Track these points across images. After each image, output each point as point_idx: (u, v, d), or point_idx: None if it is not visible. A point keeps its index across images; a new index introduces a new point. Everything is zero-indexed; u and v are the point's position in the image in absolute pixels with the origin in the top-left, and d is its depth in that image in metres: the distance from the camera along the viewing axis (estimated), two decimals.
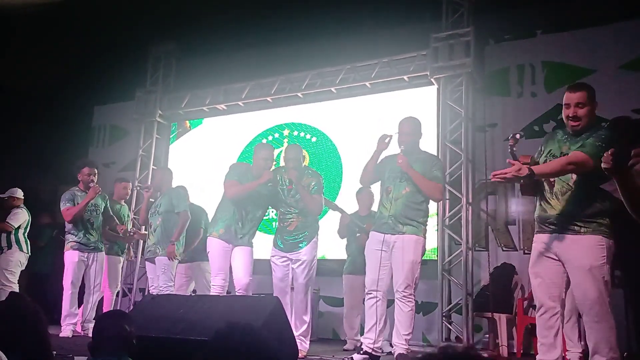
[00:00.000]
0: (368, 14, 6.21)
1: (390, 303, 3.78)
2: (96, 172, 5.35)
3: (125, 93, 7.90)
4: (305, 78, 6.69)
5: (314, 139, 6.73)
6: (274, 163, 4.58)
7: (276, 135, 6.97)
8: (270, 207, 4.55)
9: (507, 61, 6.02)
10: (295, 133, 6.86)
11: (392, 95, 6.34)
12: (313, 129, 6.76)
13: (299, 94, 6.78)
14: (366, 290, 3.69)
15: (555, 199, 2.94)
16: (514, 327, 4.94)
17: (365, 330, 3.69)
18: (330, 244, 6.08)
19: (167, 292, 4.70)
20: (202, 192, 6.84)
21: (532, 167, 2.82)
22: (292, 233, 4.18)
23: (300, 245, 4.16)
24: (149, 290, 5.10)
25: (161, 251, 4.85)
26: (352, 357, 3.66)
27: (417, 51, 6.07)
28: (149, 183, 5.19)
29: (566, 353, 4.00)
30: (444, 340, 5.35)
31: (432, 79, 5.97)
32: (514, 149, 2.97)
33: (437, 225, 5.66)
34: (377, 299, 3.64)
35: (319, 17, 6.35)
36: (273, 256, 4.24)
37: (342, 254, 5.92)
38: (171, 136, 7.82)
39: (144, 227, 5.80)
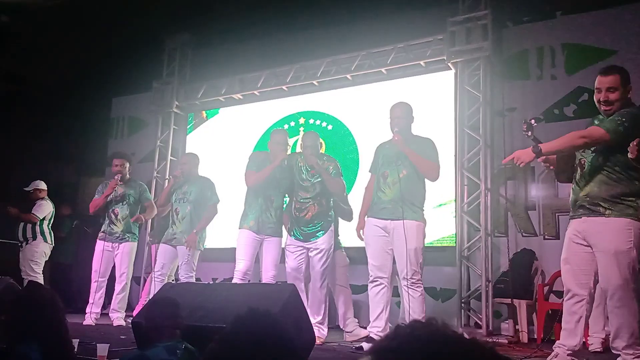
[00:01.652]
0: None
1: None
2: (125, 162, 5.33)
3: (143, 84, 7.97)
4: (320, 66, 6.66)
5: (330, 127, 6.70)
6: (289, 147, 4.62)
7: (292, 123, 6.96)
8: (286, 195, 4.57)
9: (526, 44, 5.90)
10: (311, 121, 6.84)
11: (409, 81, 6.27)
12: (329, 117, 6.73)
13: (314, 82, 6.75)
14: (371, 278, 3.65)
15: (583, 181, 2.92)
16: (534, 313, 4.90)
17: (372, 319, 3.64)
18: (348, 232, 6.07)
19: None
20: (220, 181, 6.89)
21: (539, 145, 2.79)
22: (308, 223, 4.21)
23: (318, 234, 4.20)
24: (154, 275, 5.02)
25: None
26: (361, 346, 3.65)
27: (434, 35, 5.98)
28: (178, 169, 5.18)
29: (588, 338, 3.97)
30: (463, 326, 5.33)
31: (449, 64, 5.89)
32: (529, 134, 2.94)
33: (456, 211, 5.62)
34: (384, 285, 3.62)
35: (333, 4, 6.31)
36: (289, 245, 4.27)
37: (358, 242, 5.91)
38: (188, 127, 7.88)
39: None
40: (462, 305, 5.43)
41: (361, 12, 6.37)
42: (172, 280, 5.07)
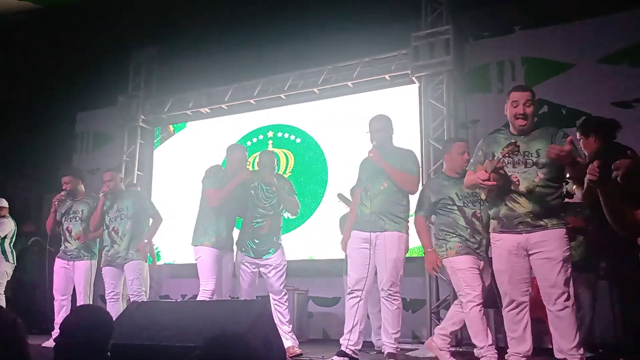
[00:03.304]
0: (348, 15, 6.23)
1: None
2: (72, 179, 5.16)
3: (108, 99, 7.87)
4: (287, 79, 6.71)
5: (298, 140, 6.74)
6: (249, 165, 4.64)
7: (260, 137, 6.98)
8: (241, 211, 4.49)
9: (486, 58, 6.08)
10: (280, 134, 6.87)
11: (374, 94, 6.37)
12: (297, 130, 6.77)
13: (281, 96, 6.79)
14: (349, 290, 3.68)
15: (522, 198, 3.02)
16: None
17: (346, 331, 3.65)
18: (319, 244, 6.10)
19: (141, 298, 4.66)
20: (188, 195, 6.83)
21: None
22: (262, 238, 4.26)
23: (270, 251, 4.25)
24: (105, 297, 4.86)
25: (135, 255, 4.72)
26: (332, 359, 3.66)
27: (398, 50, 6.11)
28: (105, 186, 4.90)
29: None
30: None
31: (413, 78, 6.02)
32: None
33: None
34: (360, 298, 3.62)
35: (300, 19, 6.37)
36: (243, 262, 4.27)
37: (330, 254, 5.95)
38: (155, 141, 7.80)
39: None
40: (432, 315, 5.50)
41: (327, 27, 6.45)
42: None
